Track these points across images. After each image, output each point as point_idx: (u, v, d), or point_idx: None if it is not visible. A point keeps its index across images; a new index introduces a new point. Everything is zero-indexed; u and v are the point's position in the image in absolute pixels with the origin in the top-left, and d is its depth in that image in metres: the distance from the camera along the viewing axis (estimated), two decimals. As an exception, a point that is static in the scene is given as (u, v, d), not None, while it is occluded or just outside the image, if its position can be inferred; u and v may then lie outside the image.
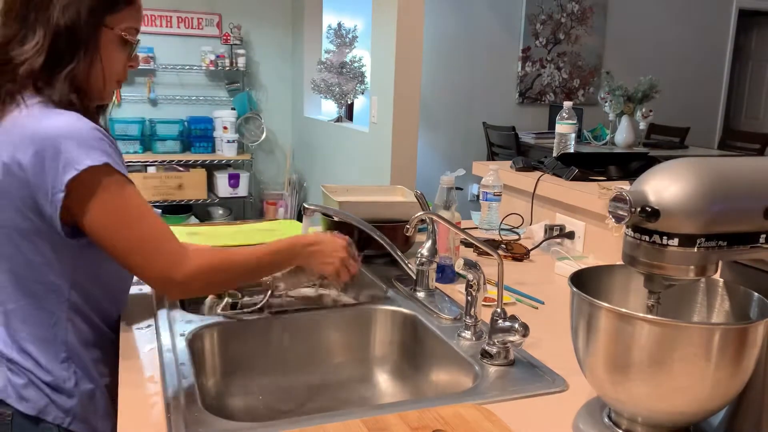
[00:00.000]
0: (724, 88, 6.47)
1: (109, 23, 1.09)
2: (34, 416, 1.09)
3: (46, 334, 1.10)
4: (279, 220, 2.00)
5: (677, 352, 0.73)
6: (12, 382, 1.09)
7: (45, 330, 1.10)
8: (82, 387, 1.12)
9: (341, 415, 0.89)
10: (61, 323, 1.11)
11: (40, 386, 1.09)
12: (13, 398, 1.08)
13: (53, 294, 1.09)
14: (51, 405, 1.09)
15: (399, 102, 3.36)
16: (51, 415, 1.10)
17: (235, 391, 1.22)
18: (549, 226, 1.78)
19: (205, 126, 4.99)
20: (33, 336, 1.10)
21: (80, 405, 1.12)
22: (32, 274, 1.08)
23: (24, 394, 1.09)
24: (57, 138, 1.00)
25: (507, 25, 5.49)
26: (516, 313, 1.10)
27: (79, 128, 1.02)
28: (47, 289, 1.09)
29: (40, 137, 1.00)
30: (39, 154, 1.00)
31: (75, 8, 1.05)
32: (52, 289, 1.09)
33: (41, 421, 1.09)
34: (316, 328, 1.30)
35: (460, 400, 0.94)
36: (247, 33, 5.13)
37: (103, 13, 1.08)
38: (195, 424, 0.87)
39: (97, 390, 1.14)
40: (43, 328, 1.10)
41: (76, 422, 1.11)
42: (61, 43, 1.05)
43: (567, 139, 2.13)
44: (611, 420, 0.86)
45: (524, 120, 5.56)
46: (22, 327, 1.10)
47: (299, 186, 5.23)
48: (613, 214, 0.77)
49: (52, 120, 1.02)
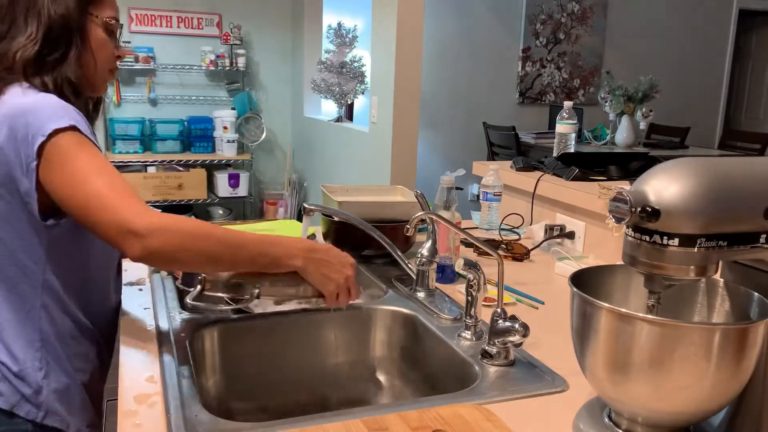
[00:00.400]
0: (724, 88, 6.47)
1: (93, 12, 1.13)
2: (8, 411, 1.08)
3: (19, 320, 1.09)
4: (279, 220, 2.00)
5: (677, 352, 0.73)
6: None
7: (18, 316, 1.09)
8: (54, 380, 1.11)
9: (341, 415, 0.89)
10: (34, 310, 1.10)
11: (11, 380, 1.08)
12: None
13: (26, 278, 1.09)
14: (23, 400, 1.09)
15: (399, 102, 3.36)
16: (23, 410, 1.09)
17: (235, 391, 1.22)
18: (549, 226, 1.78)
19: (205, 126, 4.99)
20: (6, 322, 1.09)
21: (53, 399, 1.11)
22: (7, 256, 1.08)
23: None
24: (26, 111, 1.02)
25: (507, 25, 5.49)
26: (516, 313, 1.10)
27: (48, 101, 1.05)
28: (21, 272, 1.09)
29: (12, 113, 1.03)
30: (12, 130, 1.02)
31: (62, 1, 1.09)
32: (25, 272, 1.09)
33: (15, 416, 1.09)
34: (317, 328, 1.30)
35: (460, 400, 0.94)
36: (247, 33, 5.13)
37: (88, 4, 1.12)
38: (195, 424, 0.87)
39: (72, 385, 1.13)
40: (17, 314, 1.09)
41: (49, 417, 1.11)
42: (53, 33, 1.08)
43: (567, 139, 2.13)
44: (611, 420, 0.86)
45: (524, 120, 5.56)
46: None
47: (299, 186, 5.23)
48: (613, 214, 0.77)
49: (27, 98, 1.05)
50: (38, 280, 1.09)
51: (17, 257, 1.08)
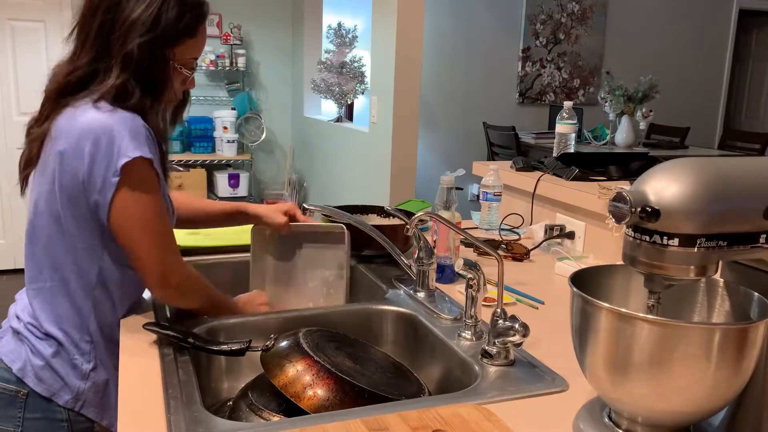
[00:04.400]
0: (724, 88, 6.47)
1: (178, 53, 1.18)
2: (48, 398, 1.16)
3: (71, 317, 1.17)
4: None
5: (677, 352, 0.73)
6: (32, 363, 1.16)
7: (71, 313, 1.17)
8: (98, 374, 1.19)
9: (341, 415, 0.89)
10: (85, 309, 1.18)
11: (57, 369, 1.16)
12: (30, 378, 1.16)
13: (82, 279, 1.17)
14: (65, 388, 1.17)
15: (399, 102, 3.36)
16: (63, 399, 1.17)
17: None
18: (549, 226, 1.78)
19: (205, 126, 4.99)
20: (59, 318, 1.17)
21: (93, 392, 1.19)
22: (69, 256, 1.16)
23: (41, 375, 1.16)
24: (112, 127, 1.08)
25: (507, 25, 5.49)
26: (516, 313, 1.10)
27: (132, 122, 1.10)
28: (78, 273, 1.16)
29: (99, 126, 1.08)
30: (95, 143, 1.08)
31: (148, 45, 1.12)
32: (81, 274, 1.16)
33: (53, 403, 1.17)
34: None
35: (460, 400, 0.94)
36: (247, 33, 5.13)
37: (174, 46, 1.16)
38: (195, 424, 0.87)
39: (111, 380, 1.21)
40: (70, 311, 1.17)
41: (86, 408, 1.18)
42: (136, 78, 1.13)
43: (567, 139, 2.13)
44: (611, 420, 0.86)
45: (524, 120, 5.56)
46: (50, 308, 1.17)
47: (299, 186, 5.23)
48: (613, 214, 0.77)
49: (108, 114, 1.10)
50: (92, 283, 1.17)
51: (78, 259, 1.16)
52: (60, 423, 1.17)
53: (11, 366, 1.17)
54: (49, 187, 1.13)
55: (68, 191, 1.11)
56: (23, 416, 1.16)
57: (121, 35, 1.11)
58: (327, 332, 1.13)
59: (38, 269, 1.18)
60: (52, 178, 1.12)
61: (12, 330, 1.20)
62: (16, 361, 1.17)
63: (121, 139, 1.08)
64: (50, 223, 1.15)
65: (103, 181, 1.09)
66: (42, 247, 1.17)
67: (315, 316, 1.29)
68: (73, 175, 1.10)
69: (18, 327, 1.19)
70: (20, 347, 1.18)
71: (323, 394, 0.95)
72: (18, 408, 1.16)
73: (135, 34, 1.11)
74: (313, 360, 0.99)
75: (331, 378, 0.97)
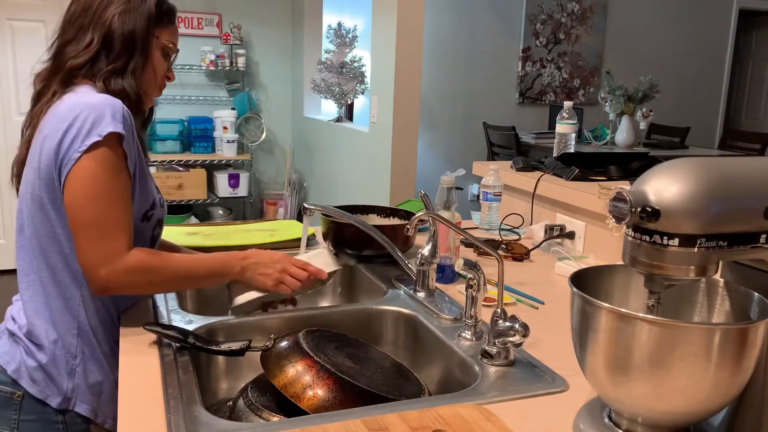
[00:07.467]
0: (724, 88, 6.47)
1: (158, 35, 1.23)
2: (41, 400, 1.16)
3: (59, 308, 1.16)
4: (279, 220, 2.00)
5: (677, 352, 0.73)
6: (26, 364, 1.16)
7: (59, 303, 1.16)
8: (87, 370, 1.18)
9: (341, 415, 0.89)
10: (74, 299, 1.17)
11: (48, 370, 1.16)
12: (25, 380, 1.16)
13: (68, 267, 1.16)
14: (56, 389, 1.17)
15: (399, 102, 3.36)
16: (55, 401, 1.17)
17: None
18: (549, 226, 1.78)
19: (205, 126, 4.99)
20: (49, 312, 1.16)
21: (83, 389, 1.18)
22: (54, 244, 1.15)
23: (35, 376, 1.16)
24: (92, 105, 1.09)
25: (507, 25, 5.49)
26: (516, 313, 1.10)
27: (113, 101, 1.11)
28: (65, 262, 1.15)
29: (79, 105, 1.10)
30: (73, 121, 1.08)
31: (132, 18, 1.18)
32: (67, 262, 1.15)
33: (47, 405, 1.16)
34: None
35: (460, 400, 0.94)
36: (247, 33, 5.13)
37: (154, 25, 1.22)
38: (195, 424, 0.87)
39: (104, 376, 1.20)
40: (58, 301, 1.16)
41: (79, 405, 1.18)
42: (114, 44, 1.17)
43: (567, 139, 2.13)
44: (611, 420, 0.86)
45: (524, 120, 5.56)
46: (41, 301, 1.17)
47: (299, 186, 5.23)
48: (613, 214, 0.77)
49: (90, 96, 1.12)
50: (79, 271, 1.15)
51: (61, 244, 1.15)
52: (55, 425, 1.17)
53: (6, 368, 1.17)
54: (33, 175, 1.13)
55: (46, 173, 1.11)
56: (18, 418, 1.16)
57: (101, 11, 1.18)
58: (327, 332, 1.13)
59: (28, 260, 1.17)
60: (36, 165, 1.12)
61: (8, 332, 1.20)
62: (11, 363, 1.17)
63: (98, 117, 1.08)
64: (35, 211, 1.14)
65: (66, 154, 1.09)
66: (29, 236, 1.16)
67: (315, 316, 1.29)
68: (49, 155, 1.10)
69: (13, 329, 1.19)
70: (15, 349, 1.18)
71: (323, 394, 0.95)
72: (13, 410, 1.16)
73: (114, 7, 1.18)
74: (313, 360, 0.99)
75: (331, 378, 0.97)
